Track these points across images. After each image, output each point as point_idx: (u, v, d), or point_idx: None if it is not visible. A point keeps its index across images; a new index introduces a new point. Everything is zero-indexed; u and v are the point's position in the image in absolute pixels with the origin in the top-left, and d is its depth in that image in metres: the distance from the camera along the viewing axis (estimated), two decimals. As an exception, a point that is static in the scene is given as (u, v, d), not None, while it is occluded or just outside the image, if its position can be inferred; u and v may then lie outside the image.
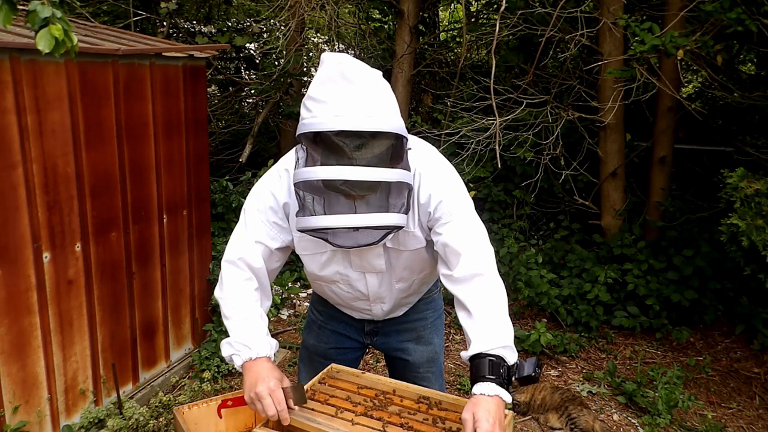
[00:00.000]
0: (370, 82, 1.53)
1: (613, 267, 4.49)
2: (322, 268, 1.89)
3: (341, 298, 2.01)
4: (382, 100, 1.54)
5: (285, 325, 4.60)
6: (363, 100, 1.49)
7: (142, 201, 3.32)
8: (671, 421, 3.36)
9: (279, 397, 1.62)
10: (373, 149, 1.49)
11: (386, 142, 1.51)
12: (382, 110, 1.51)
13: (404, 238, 1.78)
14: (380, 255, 1.82)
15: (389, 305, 2.00)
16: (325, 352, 2.17)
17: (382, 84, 1.58)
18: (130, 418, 3.10)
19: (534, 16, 4.52)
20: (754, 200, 3.27)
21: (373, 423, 1.67)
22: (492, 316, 1.62)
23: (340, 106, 1.48)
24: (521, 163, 5.12)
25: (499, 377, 1.54)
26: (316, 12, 5.17)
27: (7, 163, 2.57)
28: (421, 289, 2.05)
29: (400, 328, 2.12)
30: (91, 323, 3.08)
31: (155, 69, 3.29)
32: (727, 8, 3.41)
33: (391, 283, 1.91)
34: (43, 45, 1.65)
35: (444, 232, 1.71)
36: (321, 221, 1.55)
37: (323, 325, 2.18)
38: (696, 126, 5.42)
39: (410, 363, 2.14)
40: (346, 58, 1.54)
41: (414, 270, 1.91)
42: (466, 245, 1.69)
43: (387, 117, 1.51)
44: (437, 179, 1.73)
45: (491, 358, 1.55)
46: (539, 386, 3.55)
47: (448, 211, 1.71)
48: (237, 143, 6.22)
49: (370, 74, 1.56)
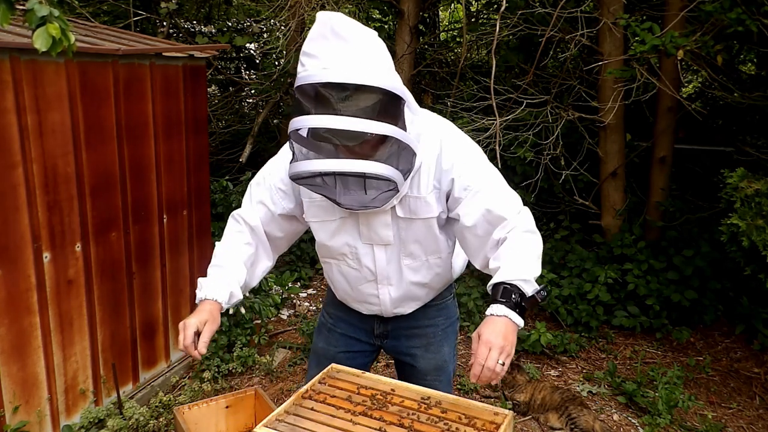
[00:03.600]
0: (360, 38, 1.55)
1: (613, 267, 4.49)
2: (331, 237, 1.89)
3: (349, 283, 1.99)
4: (371, 55, 1.56)
5: (285, 325, 4.60)
6: (350, 54, 1.52)
7: (142, 201, 3.32)
8: (671, 421, 3.36)
9: (188, 334, 1.72)
10: (358, 102, 1.51)
11: (373, 96, 1.53)
12: (369, 65, 1.53)
13: (415, 205, 1.78)
14: (388, 225, 1.82)
15: (397, 290, 1.96)
16: (335, 356, 2.14)
17: (374, 42, 1.59)
18: (130, 418, 3.10)
19: (534, 16, 4.52)
20: (754, 200, 3.27)
21: (373, 423, 1.67)
22: (515, 256, 1.68)
23: (329, 59, 1.52)
24: (521, 163, 5.11)
25: (509, 301, 1.62)
26: (316, 12, 5.16)
27: (7, 163, 2.57)
28: (433, 282, 1.99)
29: (410, 333, 2.09)
30: (91, 323, 3.08)
31: (155, 69, 3.29)
32: (727, 8, 3.41)
33: (399, 258, 1.89)
34: (40, 43, 1.65)
35: (478, 202, 1.74)
36: (307, 165, 1.59)
37: (332, 328, 2.18)
38: (696, 126, 5.42)
39: (417, 369, 2.11)
40: (338, 15, 1.56)
41: (424, 247, 1.88)
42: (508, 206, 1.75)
43: (374, 72, 1.53)
44: (461, 148, 1.77)
45: (506, 285, 1.64)
46: (539, 386, 3.55)
47: (478, 178, 1.75)
48: (237, 143, 6.22)
49: (363, 32, 1.58)
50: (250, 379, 3.83)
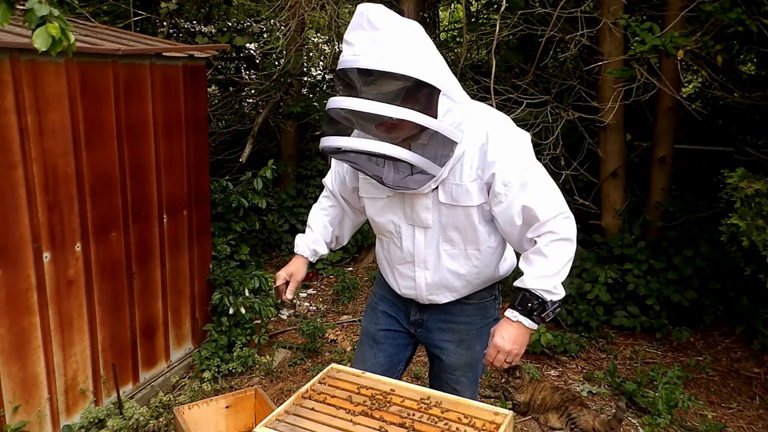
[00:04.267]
0: (394, 28, 1.61)
1: (613, 267, 4.49)
2: (378, 213, 2.01)
3: (392, 261, 2.08)
4: (401, 44, 1.61)
5: (285, 325, 4.61)
6: (380, 42, 1.59)
7: (142, 201, 3.32)
8: (671, 421, 3.36)
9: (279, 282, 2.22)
10: (381, 87, 1.60)
11: (397, 83, 1.60)
12: (398, 53, 1.59)
13: (456, 192, 1.83)
14: (428, 208, 1.89)
15: (433, 276, 2.00)
16: (375, 334, 2.23)
17: (409, 32, 1.65)
18: (130, 418, 3.10)
19: (534, 16, 4.52)
20: (754, 200, 3.27)
21: (373, 423, 1.67)
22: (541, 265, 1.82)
23: (360, 47, 1.61)
24: (521, 163, 5.11)
25: (525, 308, 1.81)
26: (316, 12, 5.17)
27: (7, 163, 2.57)
28: (470, 275, 2.01)
29: (445, 327, 2.11)
30: (91, 323, 3.08)
31: (155, 69, 3.29)
32: (727, 8, 3.41)
33: (438, 243, 1.94)
34: (39, 43, 1.65)
35: (517, 198, 1.79)
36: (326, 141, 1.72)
37: (375, 307, 2.27)
38: (696, 126, 5.41)
39: (446, 364, 2.14)
40: (376, 6, 1.63)
41: (463, 235, 1.92)
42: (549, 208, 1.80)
43: (401, 60, 1.59)
44: (507, 142, 1.80)
45: (526, 292, 1.82)
46: (539, 386, 3.55)
47: (519, 180, 1.78)
48: (237, 143, 6.21)
49: (397, 22, 1.64)
50: (250, 379, 3.83)
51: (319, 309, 4.95)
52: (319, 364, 4.03)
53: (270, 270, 5.23)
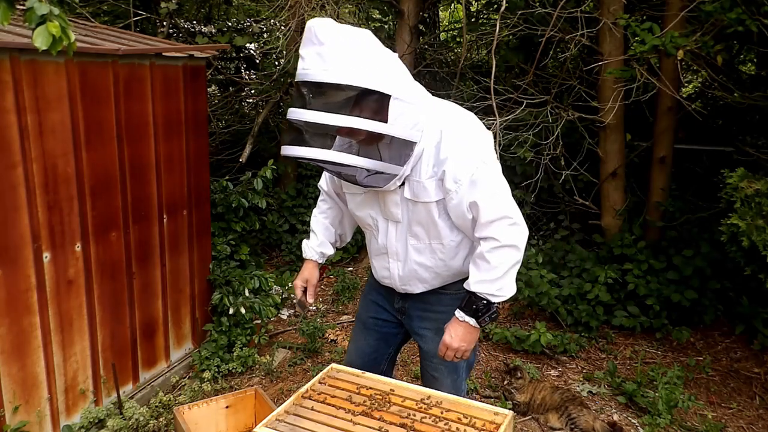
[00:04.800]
0: (339, 41, 1.70)
1: (613, 267, 4.49)
2: (358, 207, 2.14)
3: (371, 252, 2.24)
4: (346, 56, 1.69)
5: (285, 325, 4.60)
6: (325, 56, 1.68)
7: (142, 201, 3.32)
8: (671, 421, 3.36)
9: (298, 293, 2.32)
10: (330, 97, 1.71)
11: (345, 92, 1.70)
12: (342, 65, 1.68)
13: (417, 189, 1.94)
14: (397, 204, 2.01)
15: (403, 268, 2.12)
16: (366, 320, 2.38)
17: (355, 43, 1.73)
18: (130, 418, 3.10)
19: (534, 16, 4.52)
20: (754, 200, 3.27)
21: (373, 423, 1.67)
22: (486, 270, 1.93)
23: (308, 61, 1.71)
24: (521, 163, 5.11)
25: (470, 310, 1.97)
26: (316, 12, 5.17)
27: (7, 163, 2.57)
28: (437, 267, 2.10)
29: (423, 315, 2.22)
30: (91, 323, 3.08)
31: (155, 69, 3.29)
32: (727, 8, 3.41)
33: (406, 238, 2.06)
34: (40, 42, 1.65)
35: (466, 195, 1.89)
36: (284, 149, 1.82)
37: (367, 295, 2.41)
38: (696, 126, 5.41)
39: (425, 351, 2.25)
40: (323, 21, 1.73)
41: (426, 230, 2.03)
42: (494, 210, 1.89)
43: (345, 71, 1.68)
44: (459, 140, 1.88)
45: (471, 295, 1.96)
46: (539, 386, 3.55)
47: (470, 177, 1.87)
48: (237, 143, 6.21)
49: (343, 35, 1.72)
50: (250, 379, 3.83)
51: (319, 309, 4.95)
52: (319, 364, 4.03)
53: (270, 270, 5.23)
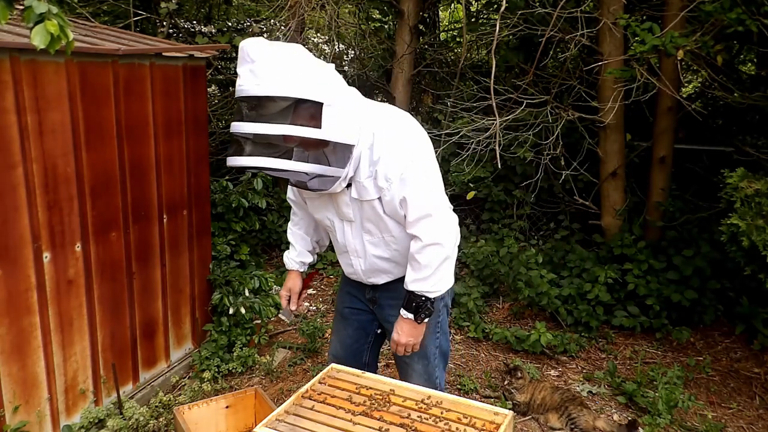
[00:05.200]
0: (269, 57, 1.83)
1: (613, 267, 4.49)
2: (316, 210, 2.27)
3: (337, 251, 2.36)
4: (276, 69, 1.81)
5: (285, 325, 4.60)
6: (257, 71, 1.81)
7: (142, 201, 3.32)
8: (671, 421, 3.36)
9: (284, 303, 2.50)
10: (262, 110, 1.84)
11: (278, 104, 1.82)
12: (273, 79, 1.80)
13: (360, 189, 2.05)
14: (348, 204, 2.12)
15: (365, 263, 2.26)
16: (343, 311, 2.51)
17: (285, 57, 1.85)
18: (130, 418, 3.10)
19: (534, 16, 4.52)
20: (754, 200, 3.27)
21: (373, 423, 1.67)
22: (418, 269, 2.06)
23: (243, 78, 1.84)
24: (521, 163, 5.12)
25: (411, 308, 2.11)
26: (316, 12, 5.17)
27: (7, 163, 2.57)
28: (395, 257, 2.23)
29: (393, 303, 2.30)
30: (91, 323, 3.08)
31: (155, 69, 3.29)
32: (727, 8, 3.40)
33: (361, 234, 2.18)
34: (38, 41, 1.64)
35: (397, 193, 1.99)
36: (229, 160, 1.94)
37: (342, 288, 2.54)
38: (696, 126, 5.41)
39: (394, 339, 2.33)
40: (253, 41, 1.86)
41: (376, 225, 2.15)
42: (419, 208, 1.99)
43: (276, 84, 1.80)
44: (390, 140, 1.98)
45: (410, 293, 2.10)
46: (539, 386, 3.55)
47: (399, 175, 1.97)
48: (237, 143, 6.20)
49: (273, 51, 1.84)
50: (250, 379, 3.83)
51: (319, 309, 4.95)
52: (319, 364, 4.03)
53: (270, 270, 5.23)
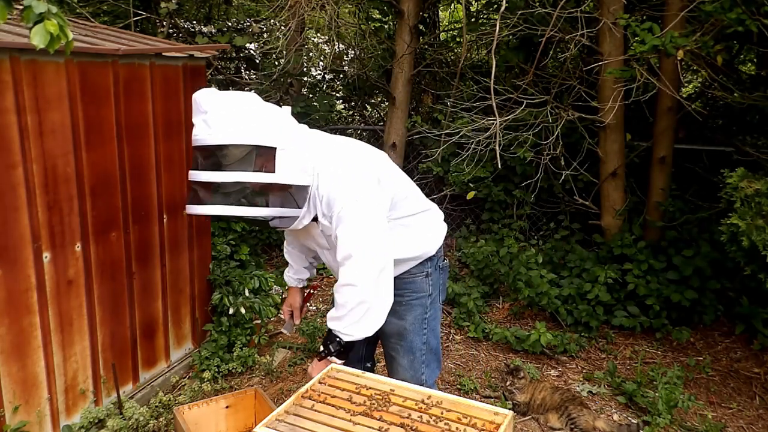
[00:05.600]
0: (220, 107, 1.94)
1: (613, 267, 4.49)
2: (298, 236, 2.42)
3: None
4: (227, 119, 1.92)
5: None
6: (210, 122, 1.93)
7: (142, 201, 3.32)
8: (671, 421, 3.36)
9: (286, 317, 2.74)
10: (218, 158, 1.95)
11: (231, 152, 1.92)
12: (225, 128, 1.91)
13: (322, 223, 2.15)
14: (320, 235, 2.24)
15: None
16: None
17: (236, 106, 1.96)
18: (130, 418, 3.10)
19: (534, 16, 4.52)
20: (754, 200, 3.27)
21: (373, 423, 1.67)
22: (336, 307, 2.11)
23: (198, 128, 1.97)
24: (521, 163, 5.12)
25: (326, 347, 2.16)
26: (316, 12, 5.17)
27: (7, 163, 2.57)
28: None
29: None
30: (91, 323, 3.08)
31: (155, 69, 3.29)
32: (727, 8, 3.40)
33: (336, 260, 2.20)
34: (37, 40, 1.64)
35: (336, 231, 2.07)
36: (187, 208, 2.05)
37: None
38: (696, 126, 5.41)
39: (383, 331, 2.38)
40: (205, 92, 1.98)
41: None
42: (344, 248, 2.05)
43: (228, 132, 1.91)
44: (332, 181, 2.07)
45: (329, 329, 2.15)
46: (539, 386, 3.55)
47: (337, 213, 2.05)
48: (237, 143, 6.20)
49: (224, 101, 1.96)
50: (250, 379, 3.83)
51: (319, 309, 4.95)
52: (319, 364, 4.02)
53: (270, 270, 5.23)
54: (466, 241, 5.31)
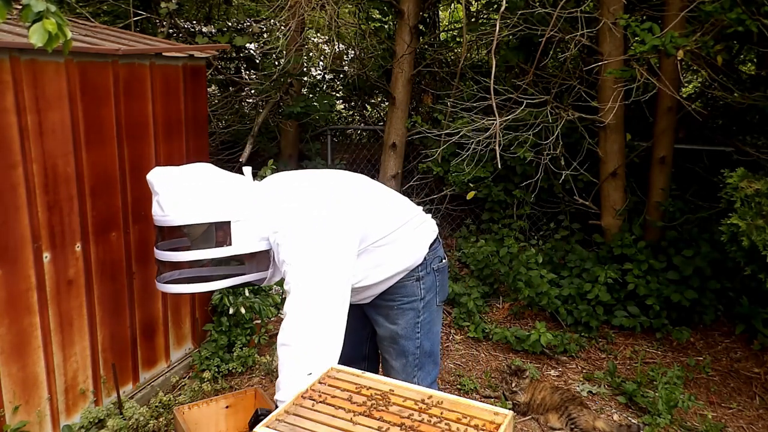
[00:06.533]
0: (171, 189, 2.01)
1: (613, 267, 4.49)
2: None
3: None
4: (179, 199, 2.00)
5: (285, 325, 4.60)
6: (162, 203, 2.02)
7: (142, 201, 3.32)
8: (671, 421, 3.36)
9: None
10: (176, 237, 2.10)
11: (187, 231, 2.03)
12: (176, 208, 2.00)
13: None
14: None
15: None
16: None
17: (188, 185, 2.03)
18: (130, 418, 3.10)
19: (534, 16, 4.52)
20: (754, 200, 3.27)
21: (373, 423, 1.67)
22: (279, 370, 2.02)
23: (154, 209, 2.06)
24: (521, 163, 5.12)
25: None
26: (316, 12, 5.17)
27: (7, 163, 2.57)
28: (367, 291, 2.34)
29: (375, 304, 2.44)
30: (91, 323, 3.08)
31: (155, 69, 3.29)
32: (727, 8, 3.41)
33: None
34: (36, 39, 1.64)
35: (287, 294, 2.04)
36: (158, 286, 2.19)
37: None
38: (696, 126, 5.41)
39: (378, 335, 2.48)
40: (157, 173, 2.06)
41: None
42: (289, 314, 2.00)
43: (181, 213, 1.99)
44: (288, 246, 2.05)
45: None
46: (539, 386, 3.55)
47: (289, 278, 2.03)
48: (237, 143, 6.22)
49: (174, 182, 2.02)
50: (250, 379, 3.83)
51: (319, 309, 4.95)
52: (319, 364, 4.02)
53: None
54: (466, 241, 5.31)
